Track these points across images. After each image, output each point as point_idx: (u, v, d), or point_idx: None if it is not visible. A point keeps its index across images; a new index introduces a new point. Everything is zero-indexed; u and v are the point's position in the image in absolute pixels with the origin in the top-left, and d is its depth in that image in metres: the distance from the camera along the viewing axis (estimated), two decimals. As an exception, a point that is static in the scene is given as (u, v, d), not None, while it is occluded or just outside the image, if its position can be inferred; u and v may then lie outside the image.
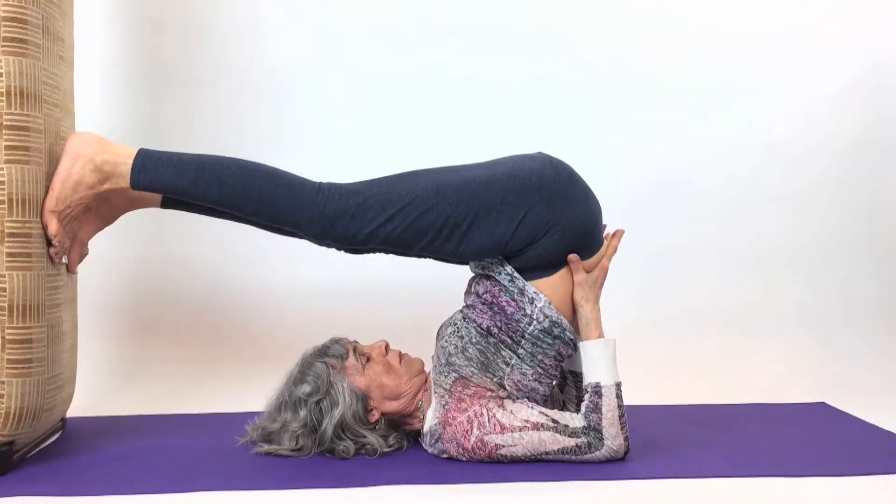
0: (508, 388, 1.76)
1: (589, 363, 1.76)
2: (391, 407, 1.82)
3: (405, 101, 2.86)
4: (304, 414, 1.77)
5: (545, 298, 1.74)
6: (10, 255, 1.61)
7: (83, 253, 1.84)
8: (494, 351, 1.75)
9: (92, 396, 2.36)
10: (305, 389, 1.78)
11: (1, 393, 1.61)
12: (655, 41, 2.91)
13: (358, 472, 1.69)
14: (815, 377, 2.64)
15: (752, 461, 1.78)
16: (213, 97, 2.81)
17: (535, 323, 1.74)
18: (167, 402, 2.34)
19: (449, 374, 1.77)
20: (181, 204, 1.84)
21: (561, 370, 1.90)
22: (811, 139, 2.97)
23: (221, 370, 2.62)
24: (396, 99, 2.86)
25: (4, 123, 1.60)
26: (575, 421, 1.71)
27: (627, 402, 1.77)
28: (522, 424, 1.70)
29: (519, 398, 1.77)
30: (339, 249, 1.82)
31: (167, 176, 1.69)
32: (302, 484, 1.61)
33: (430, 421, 1.79)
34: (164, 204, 1.86)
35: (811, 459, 1.79)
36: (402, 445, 1.84)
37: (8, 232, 1.61)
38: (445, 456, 1.76)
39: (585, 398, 1.73)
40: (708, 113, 2.94)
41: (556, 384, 1.92)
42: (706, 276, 2.93)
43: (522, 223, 1.71)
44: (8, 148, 1.60)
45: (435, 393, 1.80)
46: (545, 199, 1.71)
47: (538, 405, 1.77)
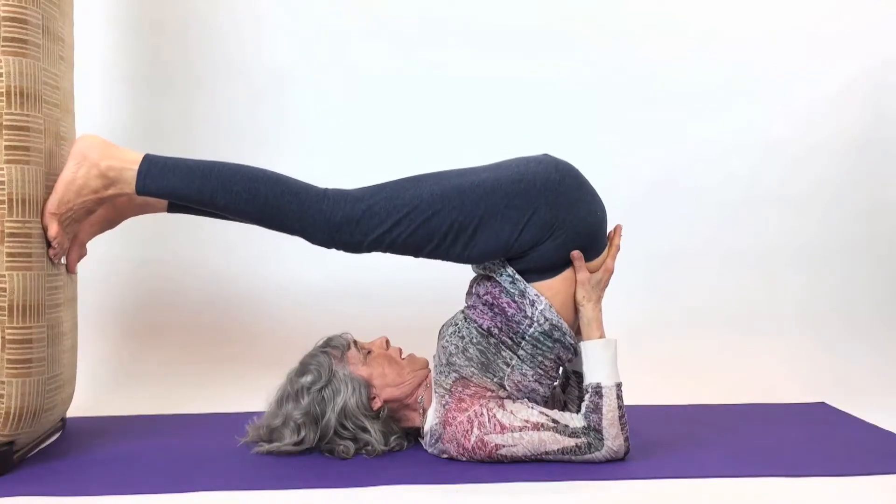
0: (509, 388, 1.76)
1: (590, 363, 1.76)
2: (393, 394, 1.82)
3: (405, 101, 2.86)
4: (306, 402, 1.77)
5: (546, 301, 1.74)
6: (10, 255, 1.61)
7: (81, 254, 1.84)
8: (495, 351, 1.75)
9: (92, 396, 2.36)
10: (307, 379, 1.78)
11: (1, 393, 1.61)
12: (655, 41, 2.91)
13: (358, 472, 1.69)
14: (815, 377, 2.64)
15: (752, 461, 1.78)
16: (212, 97, 2.80)
17: (535, 325, 1.74)
18: (167, 402, 2.34)
19: (449, 373, 1.77)
20: (188, 208, 1.84)
21: (563, 370, 1.90)
22: (811, 139, 2.96)
23: (221, 370, 2.61)
24: (396, 99, 2.86)
25: (4, 123, 1.60)
26: (575, 421, 1.71)
27: (628, 402, 1.77)
28: (522, 424, 1.70)
29: (519, 398, 1.77)
30: (345, 251, 1.81)
31: (173, 182, 1.69)
32: (302, 484, 1.61)
33: (430, 420, 1.79)
34: (170, 208, 1.87)
35: (811, 459, 1.79)
36: (402, 446, 1.84)
37: (8, 232, 1.61)
38: (445, 456, 1.76)
39: (586, 398, 1.73)
40: (708, 113, 2.93)
41: (558, 384, 1.92)
42: (706, 276, 2.92)
43: (527, 226, 1.71)
44: (8, 148, 1.60)
45: (435, 393, 1.80)
46: (550, 201, 1.71)
47: (538, 405, 1.77)
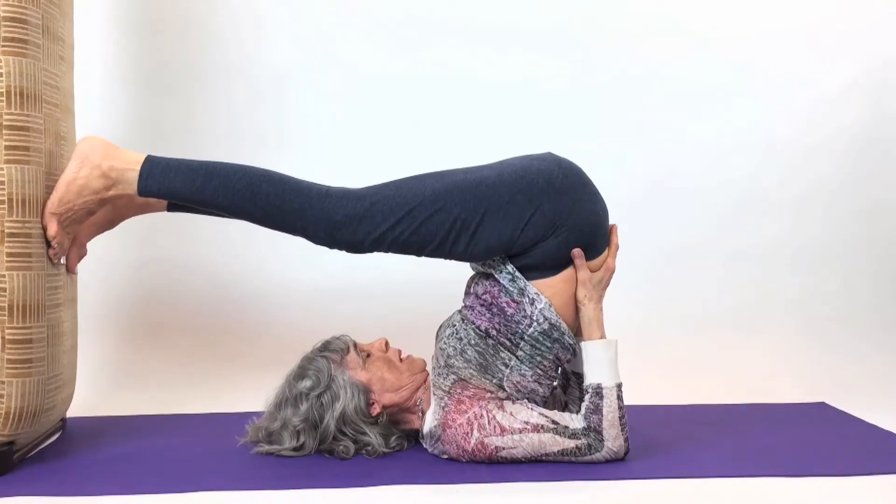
0: (508, 389, 1.76)
1: (590, 364, 1.75)
2: (392, 400, 1.81)
3: (406, 101, 2.86)
4: (305, 408, 1.76)
5: (546, 300, 1.73)
6: (10, 255, 1.61)
7: (81, 254, 1.84)
8: (493, 353, 1.75)
9: (92, 396, 2.36)
10: (306, 384, 1.78)
11: (1, 393, 1.61)
12: (655, 41, 2.91)
13: (358, 472, 1.69)
14: (815, 377, 2.64)
15: (752, 461, 1.77)
16: (212, 97, 2.80)
17: (534, 325, 1.73)
18: (167, 402, 2.33)
19: (448, 375, 1.76)
20: (188, 207, 1.84)
21: (563, 371, 1.90)
22: (811, 139, 2.96)
23: (221, 370, 2.61)
24: (397, 99, 2.86)
25: (4, 123, 1.60)
26: (575, 422, 1.71)
27: (628, 401, 1.77)
28: (522, 426, 1.69)
29: (518, 399, 1.76)
30: (348, 251, 1.81)
31: (175, 182, 1.68)
32: (302, 484, 1.61)
33: (429, 423, 1.78)
34: (170, 207, 1.87)
35: (811, 459, 1.79)
36: (402, 446, 1.84)
37: (8, 232, 1.61)
38: (445, 457, 1.76)
39: (586, 399, 1.73)
40: (708, 113, 2.93)
41: (558, 384, 1.92)
42: (706, 276, 2.92)
43: (530, 224, 1.70)
44: (8, 148, 1.60)
45: (434, 394, 1.80)
46: (553, 199, 1.71)
47: (538, 406, 1.76)
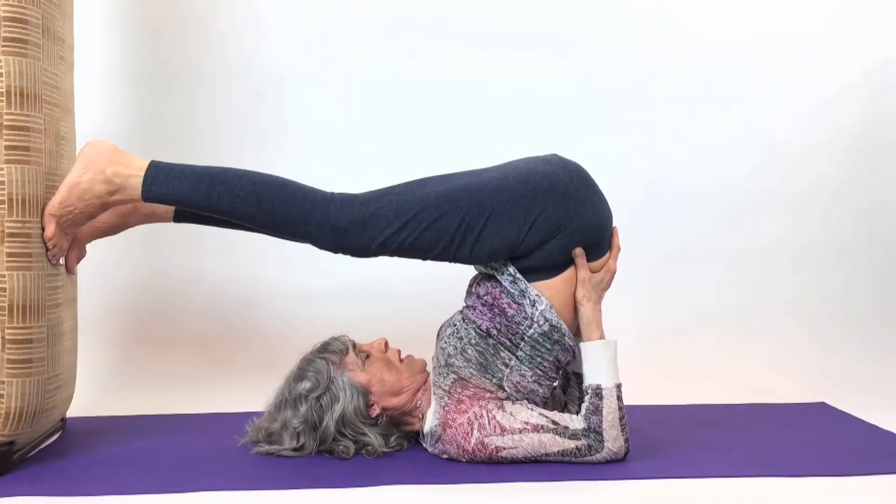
0: (508, 389, 1.75)
1: (589, 364, 1.75)
2: (392, 402, 1.81)
3: (407, 101, 2.86)
4: (304, 410, 1.76)
5: (547, 302, 1.73)
6: (10, 255, 1.61)
7: (81, 255, 1.84)
8: (493, 352, 1.75)
9: (92, 396, 2.36)
10: (306, 385, 1.77)
11: (1, 393, 1.61)
12: (655, 41, 2.91)
13: (358, 472, 1.69)
14: (815, 377, 2.64)
15: (752, 461, 1.78)
16: (213, 97, 2.80)
17: (535, 326, 1.73)
18: (167, 402, 2.33)
19: (448, 375, 1.76)
20: (194, 217, 1.84)
21: (564, 371, 1.90)
22: (811, 139, 2.96)
23: (221, 370, 2.61)
24: (398, 100, 2.86)
25: (4, 123, 1.60)
26: (575, 423, 1.71)
27: (628, 402, 1.77)
28: (522, 426, 1.69)
29: (518, 399, 1.76)
30: (353, 256, 1.79)
31: (179, 188, 1.68)
32: (302, 484, 1.61)
33: (429, 422, 1.78)
34: (176, 218, 1.86)
35: (811, 459, 1.79)
36: (402, 446, 1.84)
37: (8, 232, 1.61)
38: (445, 456, 1.76)
39: (586, 400, 1.73)
40: (708, 113, 2.93)
41: (558, 385, 1.92)
42: (706, 276, 2.92)
43: (534, 226, 1.70)
44: (8, 148, 1.60)
45: (434, 394, 1.80)
46: (557, 202, 1.71)
47: (538, 406, 1.76)
